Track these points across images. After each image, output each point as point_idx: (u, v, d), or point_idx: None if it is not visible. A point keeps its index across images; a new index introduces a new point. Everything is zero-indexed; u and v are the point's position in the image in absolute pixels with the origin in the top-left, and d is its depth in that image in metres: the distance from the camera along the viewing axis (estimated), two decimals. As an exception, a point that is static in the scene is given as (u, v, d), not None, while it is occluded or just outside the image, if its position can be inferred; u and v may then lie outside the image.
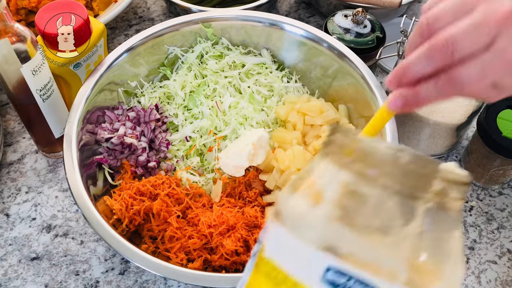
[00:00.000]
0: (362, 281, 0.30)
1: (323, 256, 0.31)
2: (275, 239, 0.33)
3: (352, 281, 0.30)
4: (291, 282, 0.32)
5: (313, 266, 0.31)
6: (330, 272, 0.31)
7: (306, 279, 0.31)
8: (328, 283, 0.31)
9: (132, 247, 0.56)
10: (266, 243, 0.34)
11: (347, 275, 0.30)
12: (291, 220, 0.33)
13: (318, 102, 0.73)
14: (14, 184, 0.76)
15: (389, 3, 0.88)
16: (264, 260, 0.33)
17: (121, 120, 0.71)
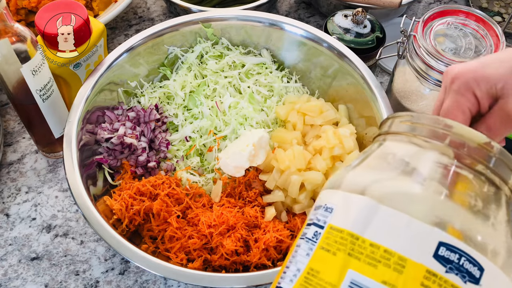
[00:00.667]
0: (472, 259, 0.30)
1: (434, 231, 0.30)
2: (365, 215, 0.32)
3: (463, 259, 0.30)
4: (395, 257, 0.30)
5: (423, 241, 0.30)
6: (443, 247, 0.30)
7: (415, 255, 0.30)
8: (441, 259, 0.30)
9: (132, 247, 0.56)
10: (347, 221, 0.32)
11: (458, 252, 0.30)
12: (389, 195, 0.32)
13: (318, 102, 0.73)
14: (14, 184, 0.76)
15: (389, 3, 0.88)
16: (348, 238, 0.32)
17: (121, 120, 0.71)
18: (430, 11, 0.69)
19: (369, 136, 0.71)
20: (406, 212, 0.31)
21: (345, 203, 0.34)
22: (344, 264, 0.31)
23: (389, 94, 0.76)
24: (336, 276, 0.31)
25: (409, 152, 0.35)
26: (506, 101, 0.42)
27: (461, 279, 0.30)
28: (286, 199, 0.66)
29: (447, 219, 0.31)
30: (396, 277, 0.30)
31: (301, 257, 0.34)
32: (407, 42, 0.71)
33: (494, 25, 0.68)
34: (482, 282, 0.30)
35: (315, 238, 0.34)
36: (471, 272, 0.30)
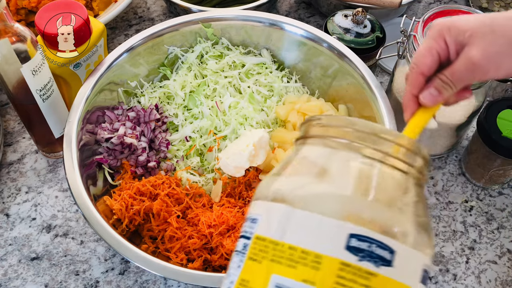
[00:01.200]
0: (382, 244, 0.32)
1: (344, 225, 0.32)
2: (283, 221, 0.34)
3: (374, 246, 0.32)
4: (311, 256, 0.32)
5: (335, 236, 0.32)
6: (353, 239, 0.32)
7: (329, 250, 0.32)
8: (353, 250, 0.32)
9: (132, 247, 0.56)
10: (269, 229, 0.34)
11: (369, 240, 0.32)
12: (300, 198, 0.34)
13: (318, 102, 0.73)
14: (14, 184, 0.76)
15: (389, 3, 0.88)
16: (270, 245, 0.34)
17: (121, 120, 0.71)
18: (430, 11, 0.69)
19: (369, 136, 0.70)
20: (318, 212, 0.33)
21: (266, 212, 0.36)
22: (268, 270, 0.33)
23: (389, 94, 0.76)
24: (262, 283, 0.33)
25: (320, 154, 0.37)
26: (470, 48, 0.45)
27: (374, 264, 0.32)
28: (286, 199, 0.66)
29: (356, 211, 0.33)
30: (314, 274, 0.32)
31: (233, 269, 0.36)
32: (407, 42, 0.71)
33: (494, 25, 0.68)
34: (394, 263, 0.32)
35: (244, 250, 0.36)
36: (382, 256, 0.32)
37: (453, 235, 0.72)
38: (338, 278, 0.31)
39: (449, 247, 0.71)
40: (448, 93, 0.48)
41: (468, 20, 0.47)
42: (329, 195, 0.34)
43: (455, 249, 0.71)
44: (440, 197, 0.76)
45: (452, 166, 0.80)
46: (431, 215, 0.74)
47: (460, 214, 0.74)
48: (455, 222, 0.74)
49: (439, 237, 0.72)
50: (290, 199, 0.35)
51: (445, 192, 0.77)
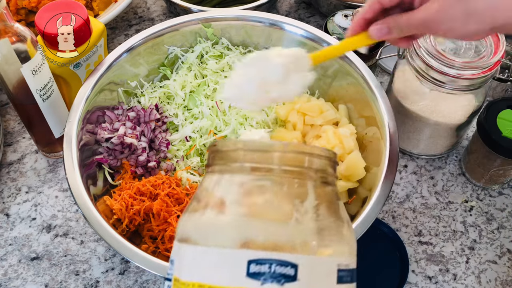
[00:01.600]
0: (283, 262, 0.32)
1: (242, 253, 0.32)
2: (192, 261, 0.34)
3: (274, 265, 0.32)
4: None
5: (235, 266, 0.32)
6: (252, 265, 0.32)
7: (232, 282, 0.32)
8: (254, 276, 0.32)
9: (132, 247, 0.56)
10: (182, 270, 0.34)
11: (268, 262, 0.32)
12: (202, 235, 0.34)
13: (318, 102, 0.73)
14: (14, 184, 0.76)
15: (389, 3, 0.88)
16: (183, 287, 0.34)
17: (121, 120, 0.71)
18: (430, 11, 0.69)
19: (369, 136, 0.71)
20: (215, 246, 0.33)
21: (177, 253, 0.36)
22: None
23: (389, 94, 0.76)
24: None
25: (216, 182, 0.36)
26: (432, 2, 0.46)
27: (277, 283, 0.31)
28: (286, 199, 0.66)
29: (250, 236, 0.32)
30: None
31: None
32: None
33: (494, 25, 0.68)
34: (299, 276, 0.32)
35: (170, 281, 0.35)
36: (285, 273, 0.31)
37: (453, 235, 0.72)
38: None
39: (449, 247, 0.71)
40: (396, 35, 0.50)
41: None
42: (224, 226, 0.33)
43: (455, 249, 0.71)
44: (440, 197, 0.76)
45: (452, 166, 0.80)
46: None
47: (460, 214, 0.74)
48: (455, 222, 0.74)
49: (439, 237, 0.72)
50: (192, 237, 0.34)
51: (445, 192, 0.77)
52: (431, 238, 0.72)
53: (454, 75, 0.66)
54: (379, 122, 0.67)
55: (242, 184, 0.35)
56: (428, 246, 0.71)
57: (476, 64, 0.65)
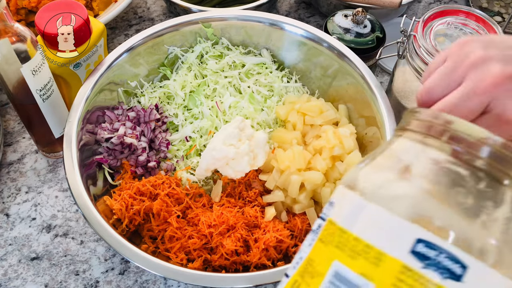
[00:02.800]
0: (453, 257, 0.30)
1: (413, 228, 0.31)
2: (353, 211, 0.33)
3: (442, 256, 0.30)
4: (374, 251, 0.31)
5: (401, 237, 0.31)
6: (420, 244, 0.31)
7: (392, 250, 0.31)
8: (417, 256, 0.30)
9: (132, 247, 0.56)
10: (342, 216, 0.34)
11: (437, 249, 0.30)
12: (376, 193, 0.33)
13: (318, 102, 0.73)
14: (14, 184, 0.76)
15: (389, 3, 0.88)
16: (337, 232, 0.33)
17: (121, 120, 0.71)
18: (430, 11, 0.69)
19: (369, 136, 0.71)
20: (389, 209, 0.32)
21: (341, 198, 0.35)
22: (331, 256, 0.33)
23: (389, 94, 0.76)
24: (324, 266, 0.33)
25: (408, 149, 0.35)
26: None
27: (440, 275, 0.30)
28: (286, 199, 0.66)
29: (428, 216, 0.31)
30: (373, 270, 0.31)
31: (305, 246, 0.36)
32: (407, 42, 0.71)
33: (494, 25, 0.68)
34: (465, 279, 0.30)
35: (318, 230, 0.35)
36: (451, 269, 0.30)
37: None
38: (397, 280, 0.30)
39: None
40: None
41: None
42: (404, 195, 0.33)
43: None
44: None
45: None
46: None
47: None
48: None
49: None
50: (366, 191, 0.34)
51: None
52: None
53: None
54: (379, 122, 0.67)
55: (436, 162, 0.33)
56: (428, 246, 0.71)
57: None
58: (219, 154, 0.64)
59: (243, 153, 0.64)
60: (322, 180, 0.65)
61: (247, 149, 0.65)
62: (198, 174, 0.67)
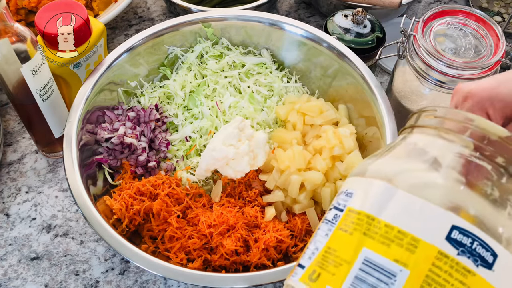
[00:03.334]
0: (485, 245, 0.31)
1: (448, 215, 0.32)
2: (382, 198, 0.34)
3: (475, 244, 0.31)
4: (408, 238, 0.32)
5: (437, 224, 0.32)
6: (455, 231, 0.31)
7: (428, 236, 0.31)
8: (453, 242, 0.31)
9: (132, 247, 0.56)
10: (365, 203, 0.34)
11: (471, 237, 0.31)
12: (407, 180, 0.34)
13: (318, 102, 0.73)
14: (14, 184, 0.76)
15: (389, 3, 0.88)
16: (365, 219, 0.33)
17: (121, 120, 0.71)
18: (430, 11, 0.69)
19: (369, 136, 0.71)
20: (421, 197, 0.33)
21: (365, 188, 0.36)
22: (359, 243, 0.33)
23: (389, 94, 0.76)
24: (351, 253, 0.33)
25: (431, 143, 0.37)
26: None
27: (473, 262, 0.31)
28: (286, 199, 0.66)
29: (461, 204, 0.32)
30: (408, 256, 0.31)
31: (320, 237, 0.36)
32: (407, 42, 0.71)
33: (494, 25, 0.68)
34: (495, 267, 0.31)
35: (335, 220, 0.36)
36: (483, 257, 0.31)
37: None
38: (433, 266, 0.31)
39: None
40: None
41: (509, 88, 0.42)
42: (437, 184, 0.34)
43: (455, 249, 0.71)
44: (440, 197, 0.76)
45: (452, 166, 0.80)
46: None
47: (460, 214, 0.74)
48: (455, 222, 0.73)
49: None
50: (394, 180, 0.34)
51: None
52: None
53: (454, 75, 0.65)
54: (379, 122, 0.67)
55: (462, 155, 0.35)
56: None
57: (476, 64, 0.65)
58: (219, 154, 0.64)
59: (243, 153, 0.64)
60: (322, 180, 0.65)
61: (247, 149, 0.65)
62: (198, 174, 0.67)
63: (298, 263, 0.37)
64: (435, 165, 0.35)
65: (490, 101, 0.41)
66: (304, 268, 0.35)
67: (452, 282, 0.30)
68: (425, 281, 0.30)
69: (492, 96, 0.41)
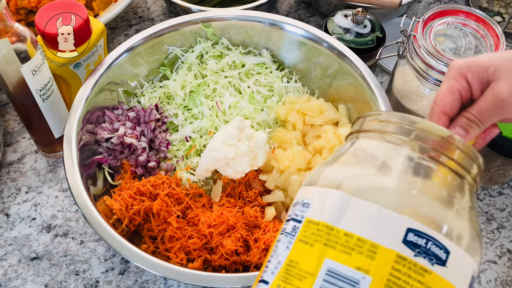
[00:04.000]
0: (439, 243, 0.32)
1: (402, 218, 0.33)
2: (338, 207, 0.34)
3: (430, 243, 0.32)
4: (368, 244, 0.32)
5: (393, 228, 0.32)
6: (411, 233, 0.32)
7: (386, 241, 0.32)
8: (410, 245, 0.32)
9: (132, 247, 0.56)
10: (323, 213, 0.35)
11: (425, 237, 0.32)
12: (361, 187, 0.35)
13: (318, 102, 0.73)
14: (14, 184, 0.76)
15: (389, 3, 0.88)
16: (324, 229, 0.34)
17: (121, 120, 0.71)
18: (430, 11, 0.69)
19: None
20: (376, 202, 0.33)
21: (321, 197, 0.36)
22: (321, 254, 0.33)
23: (389, 94, 0.76)
24: (314, 265, 0.33)
25: (379, 148, 0.38)
26: (497, 84, 0.44)
27: (429, 261, 0.32)
28: (286, 199, 0.66)
29: (414, 207, 0.33)
30: (369, 263, 0.32)
31: (282, 250, 0.36)
32: (407, 42, 0.71)
33: (494, 25, 0.68)
34: (448, 263, 0.32)
35: (294, 232, 0.36)
36: (437, 255, 0.32)
37: (453, 235, 0.72)
38: (393, 270, 0.31)
39: (449, 247, 0.71)
40: (475, 132, 0.45)
41: (489, 57, 0.45)
42: (390, 188, 0.34)
43: (455, 249, 0.71)
44: (440, 197, 0.76)
45: (452, 166, 0.80)
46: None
47: (460, 214, 0.74)
48: (455, 222, 0.74)
49: (439, 237, 0.72)
50: (348, 187, 0.35)
51: (445, 192, 0.77)
52: (431, 238, 0.72)
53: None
54: (379, 122, 0.67)
55: (409, 158, 0.36)
56: (428, 246, 0.71)
57: (476, 64, 0.65)
58: (219, 154, 0.64)
59: (243, 153, 0.64)
60: (322, 180, 0.65)
61: (247, 149, 0.65)
62: (198, 174, 0.67)
63: (261, 279, 0.37)
64: (385, 169, 0.36)
65: (468, 67, 0.45)
66: (268, 284, 0.35)
67: (412, 283, 0.31)
68: (386, 285, 0.31)
69: (471, 63, 0.45)
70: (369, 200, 0.34)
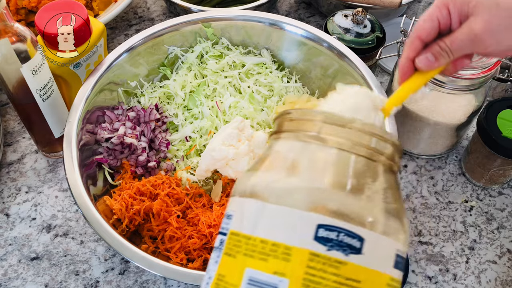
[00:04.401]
0: (350, 233, 0.33)
1: (311, 216, 0.33)
2: (257, 216, 0.35)
3: (341, 235, 0.33)
4: (281, 248, 0.33)
5: (304, 227, 0.33)
6: (321, 229, 0.33)
7: (298, 242, 0.33)
8: (322, 240, 0.32)
9: (132, 247, 0.56)
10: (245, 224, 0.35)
11: (337, 230, 0.33)
12: (272, 194, 0.35)
13: (318, 102, 0.73)
14: (14, 184, 0.76)
15: (389, 3, 0.88)
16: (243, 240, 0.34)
17: (121, 120, 0.71)
18: (430, 11, 0.69)
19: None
20: (286, 205, 0.34)
21: (239, 208, 0.36)
22: (242, 264, 0.34)
23: (389, 94, 0.76)
24: (237, 277, 0.33)
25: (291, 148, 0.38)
26: (474, 18, 0.46)
27: (343, 252, 0.32)
28: (286, 199, 0.66)
29: (322, 202, 0.34)
30: (285, 266, 0.32)
31: (212, 265, 0.36)
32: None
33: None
34: (364, 250, 0.33)
35: (221, 246, 0.36)
36: (351, 245, 0.32)
37: (453, 235, 0.72)
38: (308, 269, 0.32)
39: (449, 247, 0.71)
40: (444, 60, 0.48)
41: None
42: (297, 188, 0.34)
43: (455, 249, 0.71)
44: (440, 197, 0.76)
45: (452, 166, 0.80)
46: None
47: (460, 214, 0.74)
48: (455, 222, 0.74)
49: (439, 237, 0.72)
50: (261, 194, 0.35)
51: (445, 192, 0.77)
52: (431, 238, 0.72)
53: (454, 75, 0.65)
54: (379, 122, 0.67)
55: (316, 152, 0.36)
56: (428, 246, 0.71)
57: (476, 64, 0.65)
58: (219, 154, 0.64)
59: (243, 154, 0.64)
60: (322, 180, 0.65)
61: (247, 150, 0.65)
62: (198, 174, 0.67)
63: None
64: (294, 169, 0.36)
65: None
66: None
67: (328, 277, 0.32)
68: (303, 284, 0.32)
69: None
70: (280, 204, 0.34)
